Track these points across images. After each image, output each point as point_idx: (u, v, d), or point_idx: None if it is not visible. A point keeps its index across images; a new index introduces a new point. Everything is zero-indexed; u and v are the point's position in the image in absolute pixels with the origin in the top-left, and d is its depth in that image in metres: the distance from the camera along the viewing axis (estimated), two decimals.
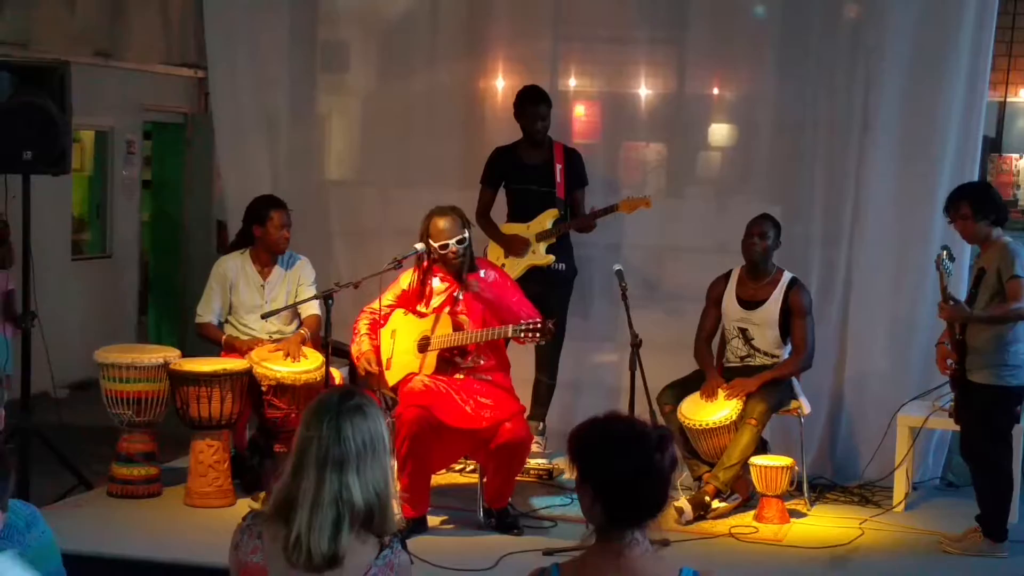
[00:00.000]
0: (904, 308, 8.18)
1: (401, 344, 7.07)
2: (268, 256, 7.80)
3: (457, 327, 6.94)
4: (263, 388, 7.39)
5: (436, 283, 7.05)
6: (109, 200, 11.53)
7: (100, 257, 11.63)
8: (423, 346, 6.99)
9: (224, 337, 7.74)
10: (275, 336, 7.73)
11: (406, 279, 7.13)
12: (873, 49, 8.26)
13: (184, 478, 7.41)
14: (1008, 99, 11.08)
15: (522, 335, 6.71)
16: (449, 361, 6.98)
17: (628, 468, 3.22)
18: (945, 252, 6.80)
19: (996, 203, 6.90)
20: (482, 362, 6.99)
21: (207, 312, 7.80)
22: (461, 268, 6.96)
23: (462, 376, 6.94)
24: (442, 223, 6.90)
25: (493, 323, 6.89)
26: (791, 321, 7.57)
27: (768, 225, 7.61)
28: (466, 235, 6.95)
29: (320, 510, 3.34)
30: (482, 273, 7.03)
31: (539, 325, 6.67)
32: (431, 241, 6.90)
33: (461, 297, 6.98)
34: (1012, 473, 6.93)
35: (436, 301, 7.04)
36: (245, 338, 7.70)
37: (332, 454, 3.37)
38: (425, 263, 7.02)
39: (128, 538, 6.72)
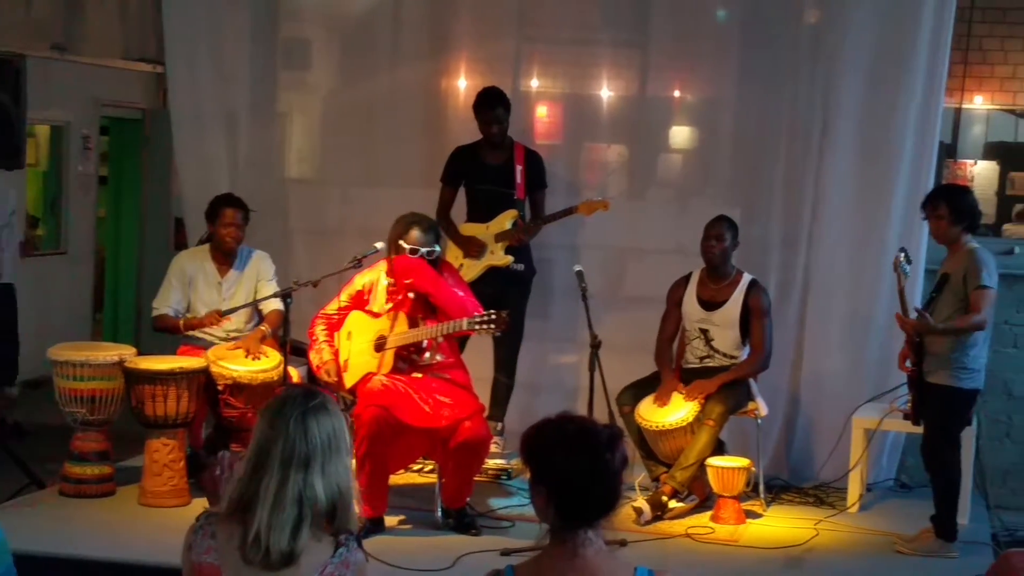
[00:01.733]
0: (861, 310, 8.24)
1: (357, 345, 7.05)
2: (224, 254, 7.78)
3: (412, 324, 6.94)
4: (219, 387, 7.36)
5: (390, 283, 7.04)
6: (64, 196, 11.44)
7: (54, 253, 11.54)
8: (380, 345, 6.98)
9: (182, 321, 7.70)
10: (232, 335, 7.70)
11: (361, 279, 7.12)
12: (832, 54, 8.32)
13: (138, 477, 7.36)
14: (963, 106, 11.19)
15: (477, 327, 6.71)
16: (406, 359, 6.96)
17: (578, 468, 3.23)
18: (903, 254, 6.85)
19: (973, 209, 6.96)
20: (439, 359, 6.98)
21: (163, 305, 7.77)
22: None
23: (420, 375, 6.93)
24: (417, 235, 6.91)
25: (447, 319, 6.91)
26: (750, 322, 7.61)
27: (725, 227, 7.64)
28: (437, 249, 6.97)
29: (282, 509, 3.33)
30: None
31: (493, 316, 6.67)
32: (403, 243, 6.90)
33: (413, 296, 6.96)
34: (960, 474, 6.99)
35: (380, 302, 7.03)
36: (205, 312, 7.65)
37: (298, 452, 3.35)
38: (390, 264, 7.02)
39: (81, 538, 6.65)
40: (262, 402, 6.92)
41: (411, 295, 6.96)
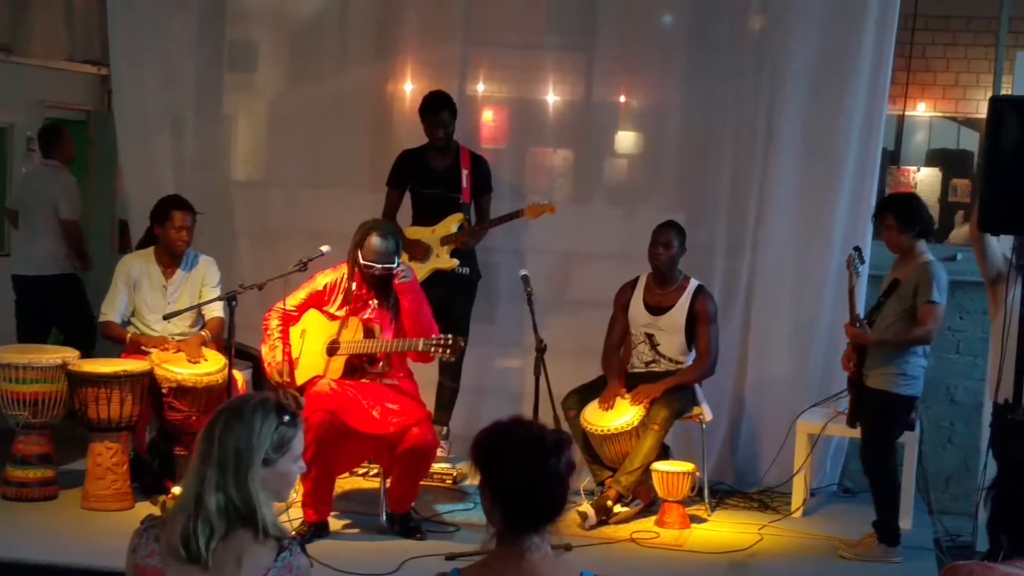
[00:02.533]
0: (805, 315, 8.29)
1: (310, 345, 7.04)
2: (170, 257, 7.74)
3: (368, 333, 6.93)
4: (164, 390, 7.33)
5: (352, 287, 7.03)
6: (8, 197, 11.35)
7: None
8: (332, 350, 6.97)
9: (128, 335, 7.66)
10: (178, 337, 7.66)
11: (323, 279, 7.09)
12: (777, 61, 8.37)
13: (81, 481, 7.32)
14: (906, 113, 11.27)
15: (432, 350, 6.73)
16: (357, 367, 6.96)
17: (523, 473, 3.25)
18: (857, 253, 6.92)
19: (921, 216, 7.01)
20: (388, 368, 6.99)
21: (111, 311, 7.72)
22: (385, 286, 6.97)
23: (368, 380, 6.93)
24: (377, 244, 6.89)
25: (403, 334, 6.91)
26: (696, 328, 7.64)
27: (673, 234, 7.66)
28: (393, 265, 6.93)
29: (202, 510, 3.33)
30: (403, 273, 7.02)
31: (449, 341, 6.69)
32: (359, 255, 6.88)
33: (376, 304, 6.97)
34: (898, 479, 7.04)
35: (339, 304, 7.03)
36: (154, 335, 7.63)
37: (222, 454, 3.35)
38: (354, 270, 7.00)
39: (23, 542, 6.60)
40: (206, 406, 6.96)
41: (373, 303, 6.95)
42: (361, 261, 6.89)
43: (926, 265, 6.85)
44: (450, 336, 6.76)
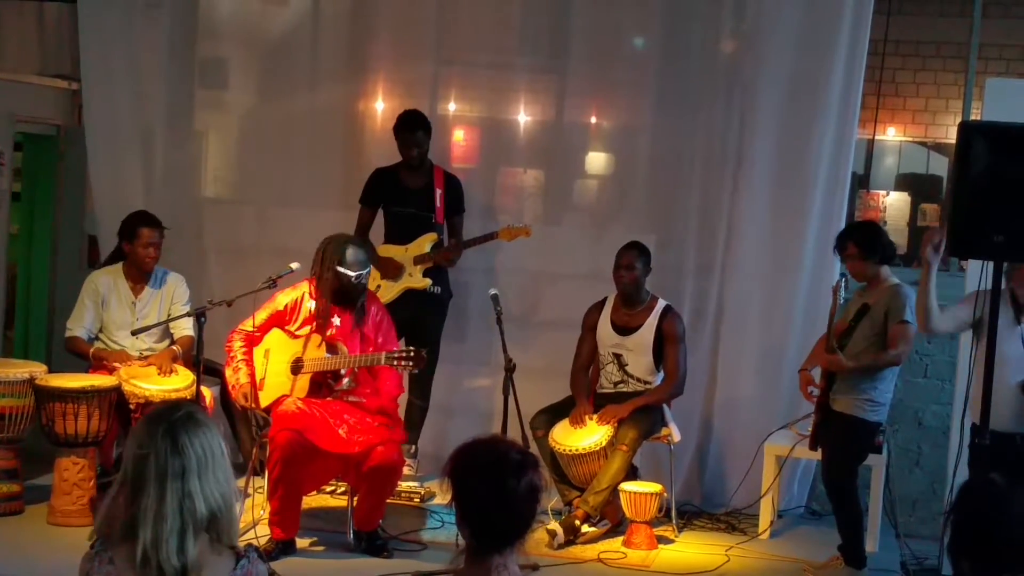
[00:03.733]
0: (774, 337, 8.31)
1: (274, 365, 7.02)
2: (139, 273, 7.72)
3: (331, 350, 6.92)
4: (132, 406, 7.30)
5: (313, 306, 7.02)
6: None
7: None
8: (296, 368, 6.96)
9: (92, 350, 7.63)
10: (145, 353, 7.65)
11: (284, 298, 7.09)
12: (748, 84, 8.41)
13: (47, 496, 7.28)
14: (876, 137, 11.34)
15: (395, 363, 6.73)
16: (322, 384, 6.95)
17: (482, 493, 3.27)
18: (844, 280, 6.95)
19: (882, 242, 7.05)
20: (354, 385, 6.98)
21: (77, 326, 7.70)
22: (356, 298, 6.96)
23: (334, 398, 6.92)
24: (357, 253, 6.94)
25: (366, 349, 6.91)
26: (664, 348, 7.65)
27: (635, 255, 7.68)
28: (366, 273, 7.00)
29: (164, 522, 3.29)
30: (372, 310, 7.05)
31: (412, 353, 6.70)
32: (336, 265, 6.88)
33: (338, 322, 6.97)
34: (859, 502, 7.06)
35: (300, 323, 7.02)
36: (116, 348, 7.61)
37: (171, 466, 3.32)
38: (315, 285, 7.00)
39: None
40: None
41: (336, 321, 6.95)
42: (339, 270, 6.88)
43: (895, 288, 6.89)
44: (411, 348, 6.77)
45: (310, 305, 7.03)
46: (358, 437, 6.75)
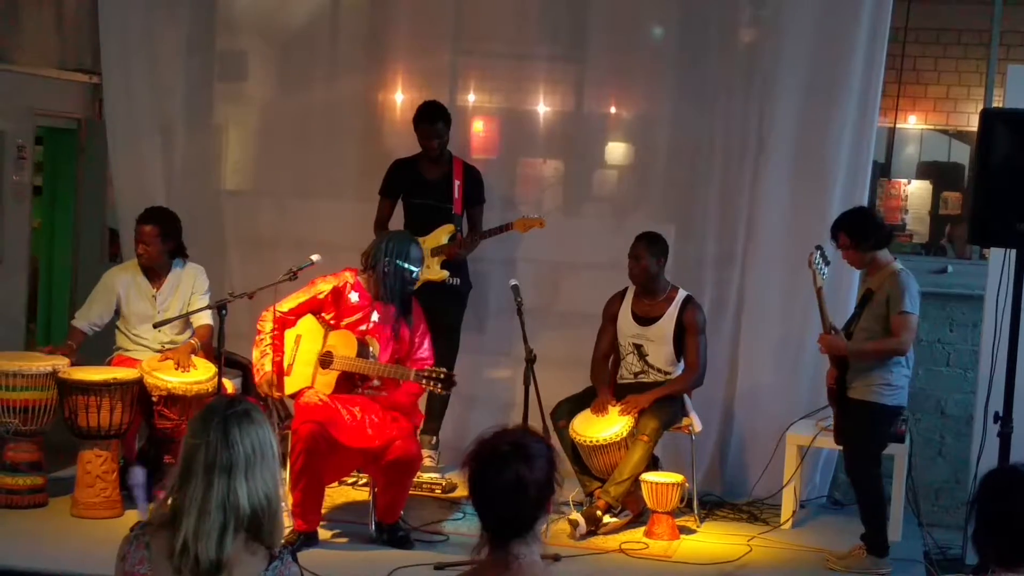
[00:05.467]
0: (794, 327, 8.29)
1: (303, 354, 7.00)
2: (154, 268, 7.74)
3: (361, 345, 6.90)
4: (154, 398, 7.32)
5: (354, 298, 7.02)
6: None
7: None
8: (325, 362, 6.94)
9: (114, 355, 7.69)
10: (166, 346, 7.67)
11: (324, 285, 7.04)
12: (768, 73, 8.39)
13: (71, 488, 7.31)
14: (897, 125, 11.29)
15: (424, 382, 6.73)
16: (348, 381, 6.94)
17: (492, 482, 3.26)
18: (819, 251, 6.88)
19: (873, 227, 6.98)
20: (381, 385, 6.97)
21: (82, 319, 7.79)
22: (407, 296, 7.00)
23: (358, 391, 6.93)
24: (416, 252, 7.01)
25: (399, 350, 6.91)
26: (684, 338, 7.64)
27: (643, 246, 7.65)
28: (419, 271, 7.06)
29: (207, 515, 3.31)
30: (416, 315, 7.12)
31: (442, 375, 6.69)
32: (402, 260, 6.89)
33: (376, 317, 6.96)
34: (883, 490, 7.04)
35: (338, 313, 7.01)
36: (136, 342, 7.64)
37: (220, 459, 3.34)
38: (362, 277, 7.01)
39: (12, 549, 6.59)
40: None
41: (375, 316, 6.95)
42: (403, 265, 6.90)
43: (895, 275, 6.84)
44: (443, 370, 6.77)
45: (352, 296, 7.01)
46: (377, 431, 6.75)
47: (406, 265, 6.91)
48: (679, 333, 7.64)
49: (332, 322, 7.02)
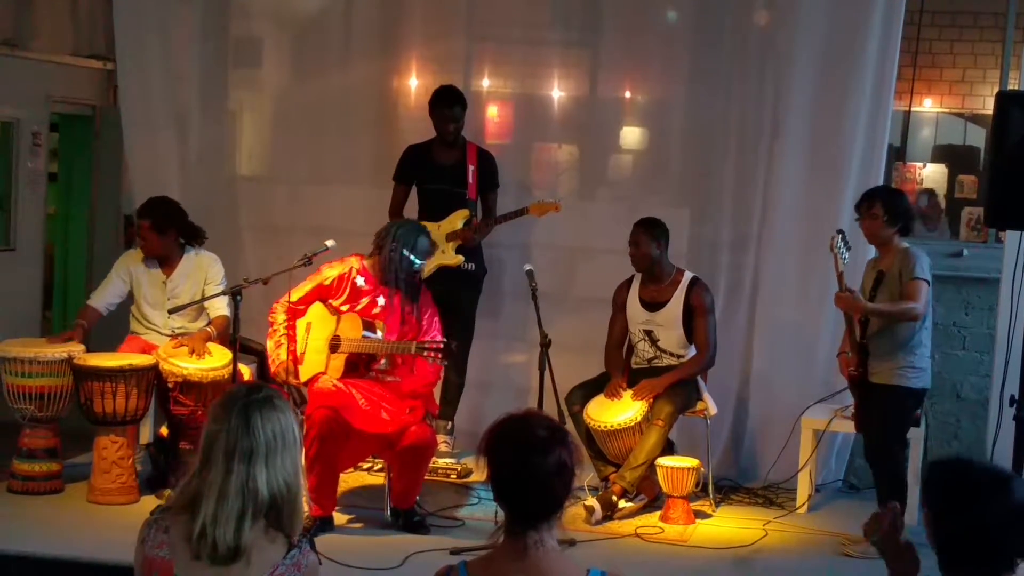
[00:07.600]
0: (809, 311, 8.27)
1: (314, 341, 7.03)
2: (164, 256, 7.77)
3: (368, 327, 6.92)
4: (170, 385, 7.34)
5: (360, 282, 7.03)
6: (14, 192, 11.36)
7: (4, 250, 11.45)
8: (334, 346, 6.97)
9: (129, 337, 7.70)
10: (179, 332, 7.68)
11: (331, 272, 7.06)
12: (782, 56, 8.36)
13: (87, 475, 7.33)
14: (913, 109, 11.24)
15: (424, 354, 6.75)
16: (358, 364, 6.96)
17: (513, 469, 3.27)
18: (840, 235, 6.86)
19: (908, 211, 7.04)
20: (392, 368, 6.99)
21: (97, 299, 7.82)
22: (411, 284, 7.00)
23: (371, 376, 6.94)
24: (424, 244, 7.03)
25: (406, 334, 6.92)
26: (693, 320, 7.63)
27: (640, 231, 7.65)
28: (424, 264, 7.09)
29: (226, 501, 3.33)
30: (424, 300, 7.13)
31: (442, 346, 6.71)
32: (408, 251, 6.90)
33: (383, 301, 6.97)
34: (906, 475, 7.03)
35: (344, 299, 7.03)
36: (148, 327, 7.67)
37: (240, 445, 3.35)
38: (367, 262, 7.02)
39: (29, 535, 6.61)
40: (212, 400, 6.95)
41: (381, 301, 6.96)
42: (409, 256, 6.91)
43: (906, 250, 6.91)
44: (442, 340, 6.78)
45: (359, 281, 7.03)
46: (391, 416, 6.77)
47: (411, 255, 6.91)
48: (688, 315, 7.63)
49: (340, 308, 7.03)
